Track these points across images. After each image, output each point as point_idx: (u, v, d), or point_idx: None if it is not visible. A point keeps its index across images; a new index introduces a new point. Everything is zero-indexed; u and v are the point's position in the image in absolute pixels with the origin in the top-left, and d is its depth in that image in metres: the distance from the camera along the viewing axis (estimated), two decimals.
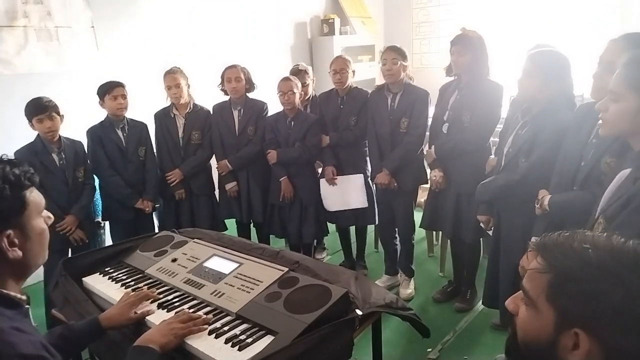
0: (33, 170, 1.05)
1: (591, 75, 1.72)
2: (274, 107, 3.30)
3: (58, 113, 2.65)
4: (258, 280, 1.64)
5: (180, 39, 4.26)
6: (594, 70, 1.71)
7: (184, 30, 4.32)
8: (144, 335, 1.31)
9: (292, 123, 3.15)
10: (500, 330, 2.69)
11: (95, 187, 2.96)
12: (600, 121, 1.42)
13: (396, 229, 3.20)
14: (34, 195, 1.04)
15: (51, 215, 1.11)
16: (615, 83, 1.31)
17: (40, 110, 2.58)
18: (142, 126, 3.11)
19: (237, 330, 1.43)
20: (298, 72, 3.35)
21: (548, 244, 0.78)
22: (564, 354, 0.73)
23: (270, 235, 3.48)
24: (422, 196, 3.43)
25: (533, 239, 1.99)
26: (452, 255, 3.12)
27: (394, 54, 2.88)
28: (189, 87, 3.19)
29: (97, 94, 2.92)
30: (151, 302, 1.60)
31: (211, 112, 3.30)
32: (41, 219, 1.07)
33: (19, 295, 1.02)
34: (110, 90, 2.89)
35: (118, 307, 1.48)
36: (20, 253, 0.99)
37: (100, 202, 3.13)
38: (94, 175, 2.98)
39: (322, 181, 3.24)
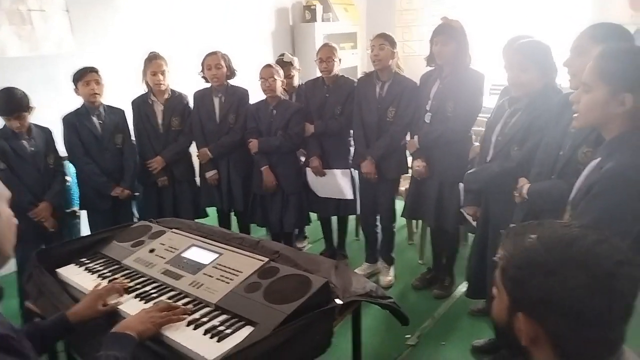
0: (3, 156, 1.03)
1: (562, 64, 1.73)
2: (256, 94, 3.26)
3: (28, 110, 2.57)
4: (238, 271, 1.63)
5: (159, 24, 4.16)
6: (565, 59, 1.72)
7: (163, 15, 4.22)
8: (122, 322, 1.30)
9: (274, 111, 3.12)
10: (477, 316, 2.74)
11: (65, 173, 2.89)
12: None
13: (377, 218, 3.21)
14: None
15: (14, 219, 1.08)
16: (587, 75, 1.34)
17: (9, 111, 2.51)
18: (120, 113, 3.04)
19: (216, 321, 1.43)
20: (284, 64, 3.30)
21: (509, 234, 0.84)
22: (519, 336, 0.79)
23: (251, 224, 3.46)
24: (403, 185, 3.44)
25: (512, 226, 2.01)
26: (432, 243, 3.16)
27: (382, 40, 2.86)
28: (168, 73, 3.13)
29: (72, 80, 2.85)
30: (128, 293, 1.58)
31: (191, 98, 3.25)
32: (6, 205, 1.04)
33: None
34: (83, 76, 2.81)
35: (85, 301, 1.45)
36: None
37: (77, 191, 3.06)
38: (69, 163, 2.92)
39: (308, 170, 3.23)
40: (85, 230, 3.11)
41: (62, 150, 2.89)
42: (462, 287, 2.99)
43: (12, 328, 0.96)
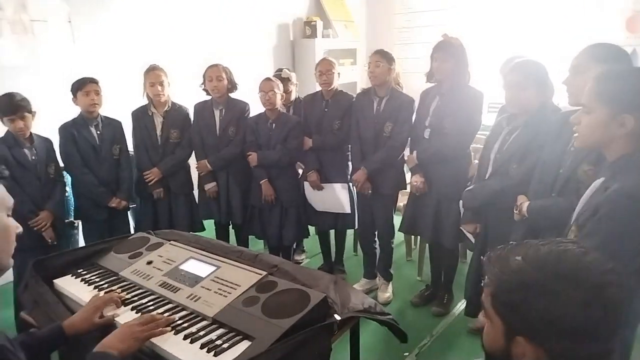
0: (5, 165, 1.03)
1: (561, 83, 1.75)
2: (256, 108, 3.27)
3: (30, 111, 2.58)
4: (235, 284, 1.61)
5: (161, 36, 4.19)
6: (564, 77, 1.74)
7: (165, 27, 4.25)
8: (103, 340, 1.25)
9: (274, 125, 3.12)
10: (476, 335, 2.71)
11: (65, 183, 2.88)
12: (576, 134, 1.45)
13: (376, 233, 3.20)
14: (2, 191, 1.02)
15: (19, 226, 1.09)
16: (586, 96, 1.35)
17: (12, 110, 2.51)
18: (117, 124, 3.05)
19: (213, 335, 1.41)
20: (281, 80, 3.33)
21: (492, 258, 0.83)
22: None
23: (249, 237, 3.44)
24: (401, 200, 3.44)
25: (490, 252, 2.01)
26: (431, 260, 3.14)
27: (378, 57, 2.89)
28: (169, 85, 3.14)
29: (71, 90, 2.85)
30: (125, 305, 1.56)
31: (191, 110, 3.26)
32: (6, 215, 1.04)
33: None
34: (82, 86, 2.82)
35: (82, 312, 1.43)
36: None
37: (73, 201, 3.05)
38: (66, 173, 2.91)
39: (306, 183, 3.23)
40: (82, 241, 3.09)
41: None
42: (461, 305, 2.97)
43: (8, 339, 0.94)
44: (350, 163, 3.18)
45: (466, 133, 2.72)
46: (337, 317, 1.48)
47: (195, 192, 3.37)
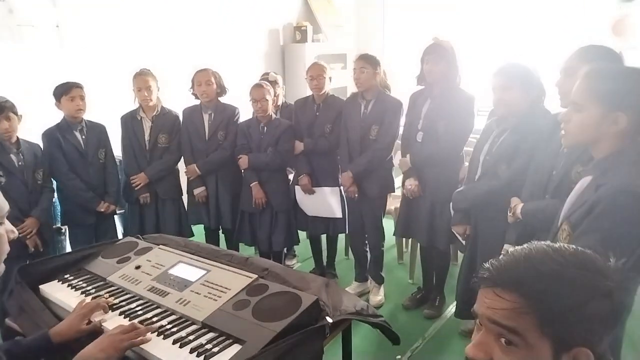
0: None
1: (554, 84, 1.77)
2: (245, 112, 3.26)
3: (16, 113, 2.54)
4: (226, 288, 1.59)
5: (151, 41, 4.16)
6: (555, 80, 1.76)
7: (155, 31, 4.22)
8: (82, 351, 1.22)
9: (265, 129, 3.12)
10: (468, 337, 2.70)
11: (54, 190, 2.84)
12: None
13: (366, 236, 3.19)
14: None
15: (15, 230, 1.07)
16: (576, 94, 1.34)
17: None
18: (101, 128, 3.02)
19: (202, 340, 1.39)
20: (269, 83, 3.32)
21: (521, 277, 0.71)
22: None
23: (240, 243, 3.42)
24: (392, 204, 3.44)
25: (506, 246, 2.01)
26: (422, 263, 3.14)
27: (362, 62, 2.89)
28: (158, 89, 3.12)
29: (54, 94, 2.81)
30: (113, 310, 1.54)
31: (181, 115, 3.24)
32: (1, 226, 1.02)
33: None
34: (67, 91, 2.79)
35: (68, 320, 1.40)
36: None
37: (59, 207, 3.01)
38: (52, 179, 2.87)
39: (297, 188, 3.22)
40: (69, 247, 3.04)
41: None
42: (453, 307, 2.96)
43: (1, 347, 0.92)
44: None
45: (460, 136, 2.72)
46: (329, 320, 1.47)
47: (185, 198, 3.34)
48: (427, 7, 5.78)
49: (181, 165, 3.29)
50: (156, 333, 1.41)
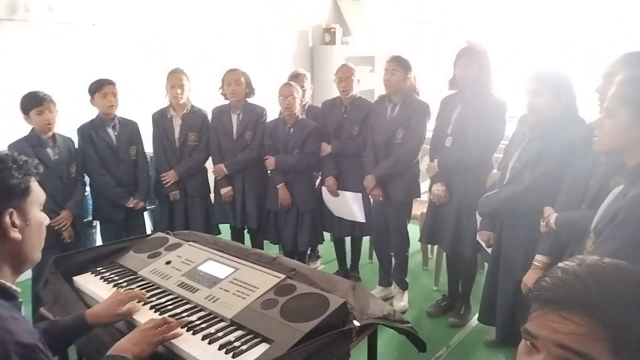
0: (37, 161, 1.06)
1: (595, 90, 1.73)
2: (273, 113, 3.28)
3: (55, 106, 2.63)
4: (254, 286, 1.60)
5: (183, 41, 4.24)
6: (597, 85, 1.73)
7: (187, 31, 4.30)
8: (117, 344, 1.25)
9: (292, 130, 3.13)
10: (493, 347, 2.66)
11: (85, 183, 2.92)
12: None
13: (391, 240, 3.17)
14: (37, 186, 1.07)
15: (47, 218, 1.11)
16: (609, 100, 1.34)
17: (39, 102, 2.57)
18: (133, 125, 3.08)
19: (231, 337, 1.40)
20: (297, 76, 3.35)
21: (596, 301, 0.65)
22: None
23: (264, 243, 3.44)
24: (417, 209, 3.41)
25: (538, 257, 1.97)
26: (448, 270, 3.10)
27: (395, 64, 2.87)
28: (189, 89, 3.16)
29: (88, 91, 2.89)
30: (143, 305, 1.56)
31: (209, 114, 3.28)
32: (41, 212, 1.07)
33: (14, 287, 1.02)
34: (100, 88, 2.86)
35: (106, 303, 1.43)
36: (19, 235, 1.00)
37: (91, 201, 3.08)
38: (85, 174, 2.94)
39: (324, 188, 3.22)
40: (100, 240, 3.11)
41: None
42: None
43: (40, 338, 0.96)
44: None
45: (489, 142, 2.67)
46: (356, 324, 1.46)
47: (212, 196, 3.38)
48: (459, 10, 5.71)
49: (208, 164, 3.33)
50: (186, 328, 1.42)
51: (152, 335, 1.29)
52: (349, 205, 3.17)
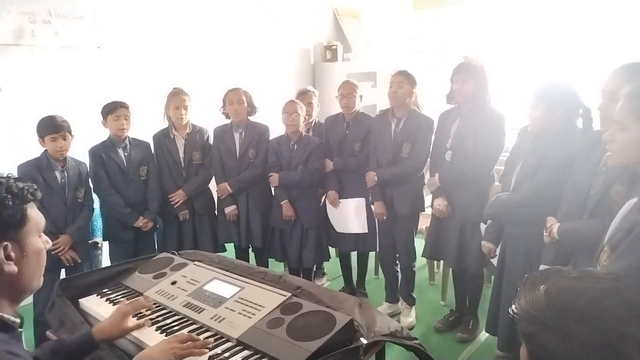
0: (35, 186, 1.04)
1: (597, 108, 1.74)
2: (276, 131, 3.29)
3: (70, 132, 2.67)
4: (260, 305, 1.60)
5: (184, 60, 4.28)
6: (598, 103, 1.72)
7: (188, 51, 4.35)
8: (143, 351, 1.28)
9: (295, 146, 3.14)
10: None
11: (93, 209, 2.92)
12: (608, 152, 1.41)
13: (397, 256, 3.16)
14: (35, 212, 1.04)
15: (49, 240, 1.11)
16: (620, 113, 1.32)
17: (54, 129, 2.59)
18: (146, 145, 3.10)
19: (238, 357, 1.39)
20: (305, 92, 3.37)
21: (525, 283, 0.79)
22: None
23: (269, 261, 3.43)
24: (423, 223, 3.39)
25: (542, 267, 1.96)
26: (454, 284, 3.07)
27: (401, 78, 2.89)
28: (191, 108, 3.19)
29: (101, 112, 2.92)
30: (150, 326, 1.56)
31: (211, 134, 3.30)
32: (39, 239, 1.06)
33: (12, 318, 1.00)
34: (113, 111, 2.89)
35: (111, 318, 1.44)
36: (15, 268, 0.97)
37: (100, 222, 3.09)
38: (95, 196, 2.95)
39: (328, 204, 3.23)
40: (106, 261, 3.11)
41: None
42: None
43: None
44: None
45: (490, 155, 2.68)
46: (364, 341, 1.45)
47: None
48: (458, 24, 5.75)
49: (212, 185, 3.34)
50: (208, 350, 1.41)
51: (178, 348, 1.30)
52: (351, 216, 3.16)
